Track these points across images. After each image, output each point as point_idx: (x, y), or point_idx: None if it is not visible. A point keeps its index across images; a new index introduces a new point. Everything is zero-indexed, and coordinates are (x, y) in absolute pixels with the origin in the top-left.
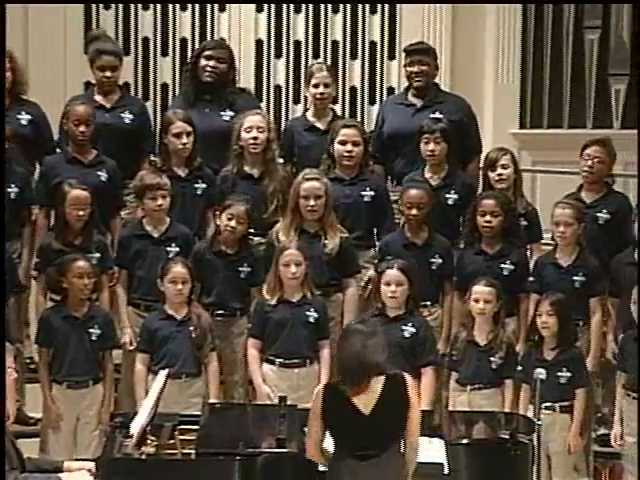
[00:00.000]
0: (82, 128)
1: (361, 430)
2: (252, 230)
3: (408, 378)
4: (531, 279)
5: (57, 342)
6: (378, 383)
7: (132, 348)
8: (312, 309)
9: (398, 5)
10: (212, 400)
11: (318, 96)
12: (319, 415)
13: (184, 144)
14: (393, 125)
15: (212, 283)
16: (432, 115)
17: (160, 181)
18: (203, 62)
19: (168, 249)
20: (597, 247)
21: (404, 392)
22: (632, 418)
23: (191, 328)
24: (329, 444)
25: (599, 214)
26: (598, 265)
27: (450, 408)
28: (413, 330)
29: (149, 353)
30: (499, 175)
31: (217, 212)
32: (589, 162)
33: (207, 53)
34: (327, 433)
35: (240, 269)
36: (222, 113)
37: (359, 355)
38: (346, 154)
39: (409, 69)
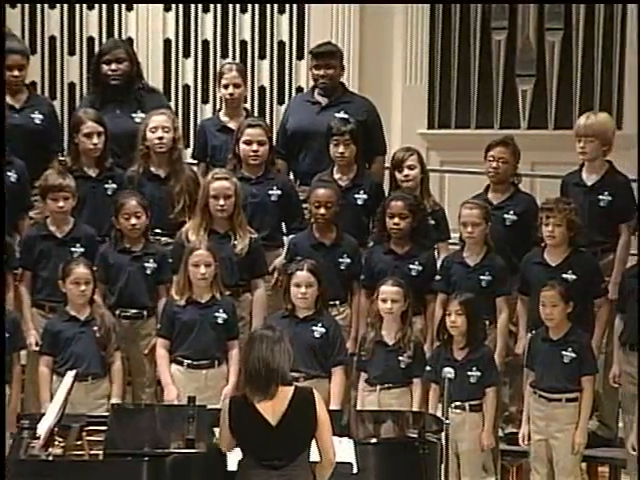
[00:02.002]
0: None
1: (268, 440)
2: (158, 230)
3: (316, 394)
4: (438, 278)
5: None
6: (286, 394)
7: (36, 349)
8: (221, 310)
9: (306, 5)
10: (114, 400)
11: (228, 97)
12: (227, 427)
13: (95, 144)
14: (296, 122)
15: (118, 282)
16: (337, 114)
17: (62, 182)
18: (104, 67)
19: (72, 250)
20: (504, 248)
21: (312, 407)
22: (539, 416)
23: (95, 328)
24: (237, 453)
25: (506, 215)
26: (504, 265)
27: (359, 408)
28: (323, 330)
29: (53, 355)
30: (405, 176)
31: (113, 217)
32: (494, 164)
33: (105, 57)
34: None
35: (146, 265)
36: (133, 115)
37: (266, 361)
38: (252, 154)
39: (315, 72)
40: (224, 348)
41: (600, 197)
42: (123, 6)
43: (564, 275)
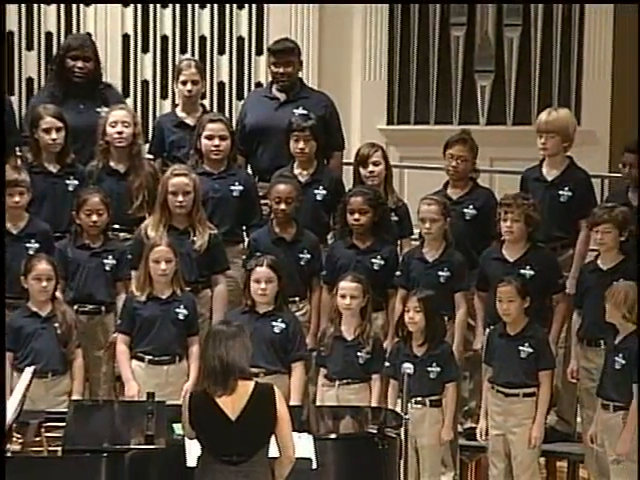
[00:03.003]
0: None
1: (227, 435)
2: (117, 226)
3: (277, 390)
4: (398, 274)
5: None
6: (246, 389)
7: None
8: (182, 306)
9: None
10: (75, 397)
11: (186, 93)
12: (188, 422)
13: (54, 140)
14: (254, 118)
15: (77, 278)
16: (296, 110)
17: (18, 177)
18: (70, 63)
19: (27, 245)
20: (464, 243)
21: (272, 403)
22: (497, 412)
23: (56, 325)
24: (196, 448)
25: (465, 210)
26: (463, 260)
27: (319, 403)
28: (283, 326)
29: (13, 351)
30: (370, 172)
31: (74, 211)
32: (453, 162)
33: (72, 53)
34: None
35: (105, 261)
36: (98, 110)
37: (220, 357)
38: (213, 149)
39: (275, 69)
40: (185, 344)
41: (560, 192)
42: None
43: (522, 271)
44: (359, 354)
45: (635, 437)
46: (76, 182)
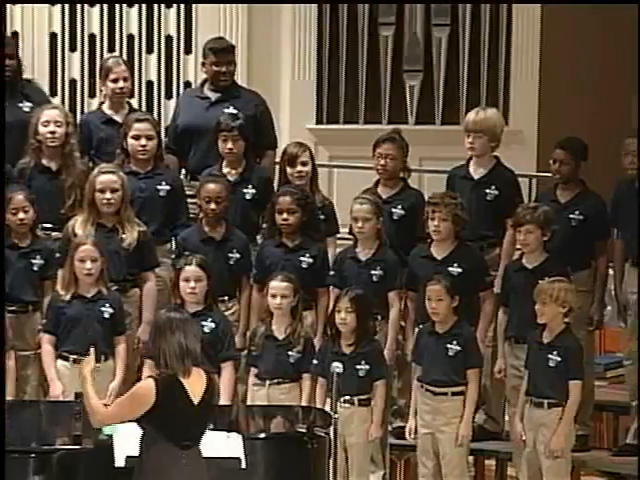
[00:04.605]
0: None
1: (190, 419)
2: (49, 225)
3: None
4: (332, 273)
5: None
6: (202, 375)
7: None
8: (107, 304)
9: None
10: (6, 398)
11: (117, 90)
12: (143, 409)
13: None
14: (187, 118)
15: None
16: (227, 110)
17: None
18: None
19: None
20: (393, 242)
21: (218, 391)
22: (425, 410)
23: None
24: (124, 449)
25: (394, 210)
26: (396, 259)
27: (249, 403)
28: (212, 325)
29: None
30: (299, 172)
31: None
32: (382, 160)
33: None
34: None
35: (33, 261)
36: (20, 104)
37: (180, 341)
38: (140, 148)
39: (216, 69)
40: (111, 343)
41: (487, 191)
42: None
43: (450, 268)
44: (290, 353)
45: (572, 433)
46: None
